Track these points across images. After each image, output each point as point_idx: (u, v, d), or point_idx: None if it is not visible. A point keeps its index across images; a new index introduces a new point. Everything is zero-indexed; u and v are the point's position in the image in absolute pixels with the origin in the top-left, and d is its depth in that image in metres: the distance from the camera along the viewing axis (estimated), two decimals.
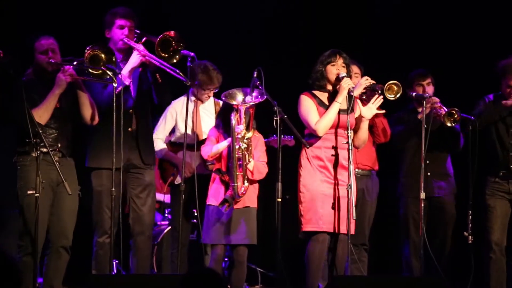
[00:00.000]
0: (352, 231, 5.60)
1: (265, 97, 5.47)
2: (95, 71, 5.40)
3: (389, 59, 7.38)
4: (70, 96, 5.55)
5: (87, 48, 5.41)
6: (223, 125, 5.68)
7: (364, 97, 5.95)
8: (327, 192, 5.59)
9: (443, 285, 4.94)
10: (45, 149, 5.29)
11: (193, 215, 6.28)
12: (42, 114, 5.41)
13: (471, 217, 5.96)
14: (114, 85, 5.31)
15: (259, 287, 7.17)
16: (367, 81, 5.72)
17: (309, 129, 5.68)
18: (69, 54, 5.53)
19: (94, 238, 5.66)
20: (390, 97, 5.72)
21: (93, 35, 5.97)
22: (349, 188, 5.49)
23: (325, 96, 5.72)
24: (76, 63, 5.44)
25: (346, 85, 5.60)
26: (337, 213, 5.56)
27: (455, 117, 6.01)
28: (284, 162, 5.44)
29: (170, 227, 6.65)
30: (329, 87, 5.72)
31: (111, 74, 5.34)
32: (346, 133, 5.57)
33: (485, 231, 6.12)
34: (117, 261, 6.21)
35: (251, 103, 5.49)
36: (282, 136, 5.52)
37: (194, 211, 6.14)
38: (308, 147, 5.62)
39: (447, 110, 6.02)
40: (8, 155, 5.57)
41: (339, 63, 5.67)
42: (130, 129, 5.65)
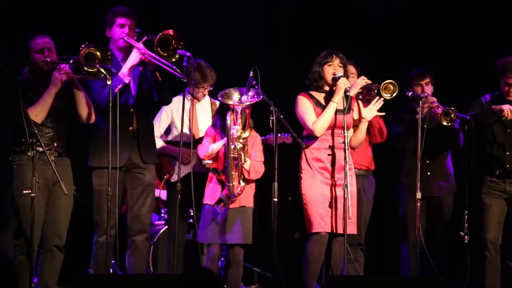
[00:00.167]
0: (354, 231, 5.61)
1: (261, 97, 5.47)
2: (90, 69, 5.39)
3: (387, 59, 7.39)
4: (66, 95, 5.55)
5: (82, 46, 5.41)
6: (220, 125, 5.67)
7: (360, 97, 5.95)
8: (327, 193, 5.61)
9: (438, 284, 4.94)
10: (41, 149, 5.28)
11: (189, 214, 6.28)
12: (38, 113, 5.40)
13: (467, 216, 5.96)
14: (108, 83, 5.31)
15: (255, 286, 7.17)
16: (363, 80, 5.73)
17: (306, 130, 5.69)
18: (69, 53, 5.52)
19: (94, 237, 5.65)
20: (386, 96, 5.73)
21: (93, 34, 5.97)
22: (345, 188, 5.50)
23: (322, 96, 5.72)
24: (71, 61, 5.44)
25: (342, 85, 5.61)
26: (334, 213, 5.57)
27: (452, 116, 6.02)
28: (281, 161, 5.45)
29: (166, 227, 6.65)
30: (326, 88, 5.73)
31: (106, 72, 5.33)
32: (342, 133, 5.57)
33: (481, 229, 6.12)
34: (113, 261, 6.21)
35: (247, 103, 5.49)
36: (279, 134, 5.52)
37: (190, 210, 6.14)
38: (304, 147, 5.63)
39: (443, 109, 6.02)
40: (4, 154, 5.56)
41: (335, 63, 5.68)
42: (131, 128, 5.65)
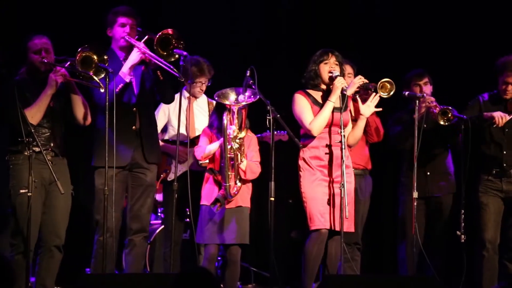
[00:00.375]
0: (352, 229, 5.62)
1: (258, 97, 5.47)
2: (84, 75, 5.39)
3: (387, 59, 7.39)
4: (63, 96, 5.55)
5: (79, 49, 5.41)
6: (216, 125, 5.67)
7: (357, 96, 5.96)
8: (326, 190, 5.62)
9: (435, 284, 4.94)
10: (37, 148, 5.28)
11: (186, 214, 6.28)
12: (34, 114, 5.40)
13: (463, 216, 5.97)
14: (101, 90, 5.32)
15: (252, 286, 7.17)
16: (360, 80, 5.74)
17: (304, 129, 5.69)
18: (68, 54, 5.51)
19: (95, 236, 5.64)
20: (383, 95, 5.74)
21: (93, 34, 5.99)
22: (342, 187, 5.50)
23: (319, 95, 5.73)
24: (68, 64, 5.44)
25: (339, 84, 5.61)
26: (332, 211, 5.58)
27: (449, 116, 6.02)
28: (277, 161, 5.45)
29: (163, 226, 6.65)
30: (323, 86, 5.74)
31: (102, 76, 5.33)
32: (339, 131, 5.58)
33: (479, 228, 6.12)
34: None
35: (243, 103, 5.48)
36: (275, 132, 5.52)
37: (187, 210, 6.14)
38: (301, 147, 5.63)
39: (441, 108, 6.03)
40: (1, 154, 5.56)
41: (331, 61, 5.69)
42: (134, 127, 5.66)
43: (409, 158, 6.24)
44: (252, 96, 5.48)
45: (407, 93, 6.17)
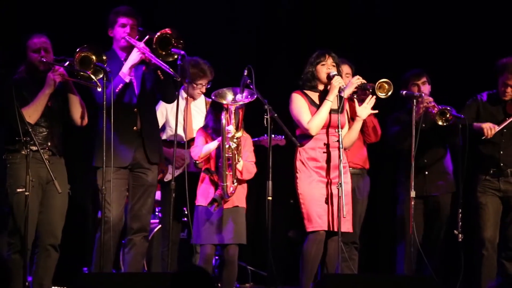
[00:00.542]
0: (349, 229, 5.62)
1: (255, 97, 5.46)
2: (84, 74, 5.39)
3: (386, 59, 7.39)
4: (61, 95, 5.55)
5: (77, 49, 5.41)
6: (212, 125, 5.66)
7: (355, 96, 5.96)
8: (324, 191, 5.62)
9: (433, 283, 4.94)
10: (34, 147, 5.28)
11: (183, 213, 6.28)
12: (32, 113, 5.40)
13: (461, 215, 5.97)
14: (98, 89, 5.32)
15: (250, 285, 7.18)
16: (358, 80, 5.74)
17: (301, 129, 5.69)
18: (67, 54, 5.51)
19: (96, 235, 5.63)
20: (381, 95, 5.74)
21: (93, 34, 6.00)
22: (340, 186, 5.50)
23: (316, 95, 5.73)
24: (67, 63, 5.44)
25: (336, 83, 5.61)
26: (330, 211, 5.58)
27: (447, 116, 6.02)
28: (275, 162, 5.45)
29: (160, 226, 6.64)
30: (321, 87, 5.74)
31: (100, 76, 5.34)
32: (336, 131, 5.58)
33: (478, 228, 6.13)
34: None
35: (241, 103, 5.47)
36: (273, 135, 5.51)
37: (184, 209, 6.14)
38: (299, 145, 5.62)
39: (439, 108, 6.03)
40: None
41: (328, 62, 5.69)
42: (135, 128, 5.65)
43: (407, 157, 6.24)
44: (249, 96, 5.47)
45: (404, 93, 6.16)
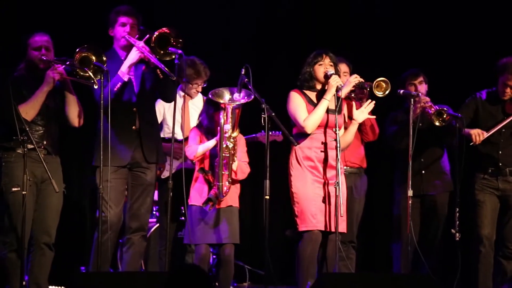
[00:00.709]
0: (344, 230, 5.61)
1: (252, 97, 5.45)
2: (83, 73, 5.38)
3: (385, 59, 7.39)
4: (60, 95, 5.55)
5: (77, 49, 5.41)
6: (206, 124, 5.64)
7: (353, 95, 5.96)
8: (319, 191, 5.61)
9: (430, 282, 4.94)
10: (31, 145, 5.27)
11: (180, 212, 6.27)
12: (28, 110, 5.40)
13: (458, 214, 5.97)
14: (95, 87, 5.32)
15: (247, 284, 7.17)
16: (356, 79, 5.75)
17: (297, 127, 5.69)
18: (67, 53, 5.50)
19: (94, 234, 5.62)
20: (379, 94, 5.74)
21: (93, 34, 6.00)
22: (337, 185, 5.50)
23: (314, 95, 5.73)
24: (67, 64, 5.43)
25: (334, 82, 5.61)
26: (327, 211, 5.57)
27: (444, 116, 6.02)
28: (272, 160, 5.44)
29: (157, 225, 6.64)
30: (318, 86, 5.74)
31: (99, 77, 5.33)
32: (334, 130, 5.57)
33: (476, 225, 6.14)
34: None
35: (237, 102, 5.45)
36: (270, 132, 5.51)
37: (182, 208, 6.13)
38: (296, 145, 5.62)
39: (437, 108, 6.03)
40: None
41: (326, 62, 5.69)
42: (134, 127, 5.65)
43: (404, 157, 6.24)
44: (246, 96, 5.46)
45: (402, 92, 6.17)
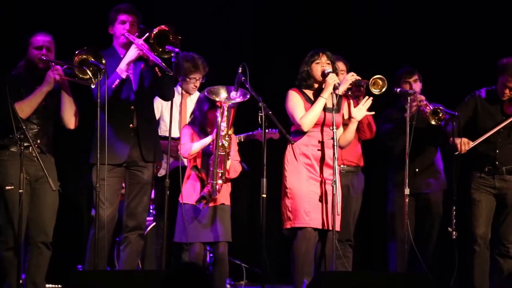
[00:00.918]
0: (337, 228, 5.61)
1: (248, 97, 5.45)
2: (81, 75, 5.37)
3: (385, 59, 7.39)
4: (57, 96, 5.54)
5: (76, 52, 5.40)
6: (199, 122, 5.63)
7: (350, 93, 5.96)
8: (314, 189, 5.61)
9: (426, 280, 4.95)
10: (26, 144, 5.27)
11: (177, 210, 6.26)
12: (24, 108, 5.39)
13: (455, 212, 5.98)
14: (92, 86, 5.32)
15: (244, 283, 7.17)
16: (352, 76, 5.75)
17: (295, 125, 5.70)
18: (67, 53, 5.50)
19: (89, 232, 5.63)
20: (375, 91, 5.75)
21: (92, 34, 6.00)
22: (334, 184, 5.50)
23: (312, 93, 5.74)
24: (66, 67, 5.43)
25: (331, 80, 5.62)
26: (324, 209, 5.57)
27: (440, 115, 6.03)
28: (269, 159, 5.44)
29: (154, 223, 6.64)
30: (316, 85, 5.75)
31: (98, 78, 5.33)
32: (331, 128, 5.58)
33: (471, 224, 6.15)
34: None
35: (233, 101, 5.44)
36: (267, 130, 5.51)
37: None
38: (292, 143, 5.63)
39: (432, 108, 6.03)
40: None
41: (323, 60, 5.71)
42: (131, 125, 5.65)
43: (398, 155, 6.26)
44: (242, 95, 5.45)
45: (398, 90, 6.18)
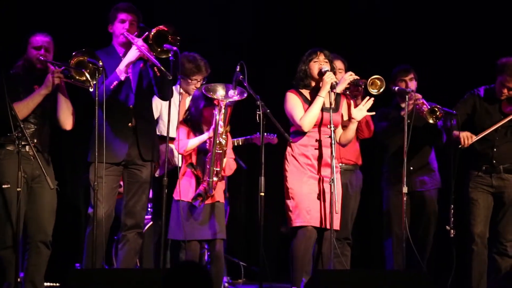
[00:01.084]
0: (337, 227, 5.62)
1: (245, 95, 5.45)
2: (78, 76, 5.37)
3: (385, 59, 7.40)
4: (54, 96, 5.53)
5: (73, 53, 5.41)
6: (195, 119, 5.62)
7: (347, 92, 5.97)
8: (314, 188, 5.62)
9: (424, 278, 4.96)
10: (24, 142, 5.27)
11: None
12: (21, 109, 5.39)
13: (453, 211, 5.99)
14: (90, 90, 5.32)
15: (242, 281, 7.18)
16: (350, 76, 5.76)
17: (294, 126, 5.70)
18: (67, 53, 5.50)
19: (86, 231, 5.62)
20: (373, 91, 5.76)
21: (92, 34, 5.99)
22: (332, 182, 5.51)
23: (309, 93, 5.74)
24: (64, 68, 5.43)
25: (328, 79, 5.63)
26: (323, 208, 5.58)
27: (437, 114, 6.04)
28: (267, 158, 5.44)
29: (152, 222, 6.64)
30: (313, 84, 5.76)
31: (96, 80, 5.33)
32: (329, 127, 5.59)
33: (468, 223, 6.16)
34: None
35: (231, 100, 5.43)
36: (265, 134, 5.51)
37: None
38: (290, 142, 5.63)
39: (429, 107, 6.04)
40: None
41: (321, 59, 5.72)
42: (130, 124, 5.65)
43: (393, 153, 6.28)
44: (239, 94, 5.45)
45: (396, 88, 6.19)
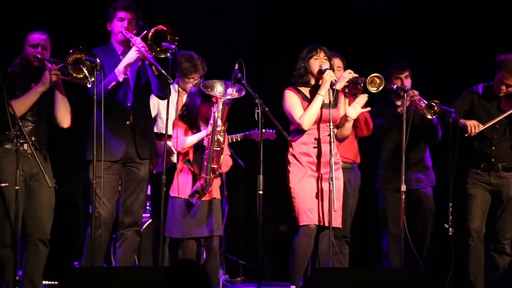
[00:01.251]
0: (339, 225, 5.63)
1: (243, 93, 5.44)
2: (75, 74, 5.37)
3: (385, 58, 7.37)
4: (51, 94, 5.53)
5: (70, 51, 5.41)
6: (192, 115, 5.62)
7: (346, 90, 5.97)
8: (314, 186, 5.62)
9: (422, 277, 4.96)
10: (22, 140, 5.26)
11: None
12: (18, 107, 5.38)
13: (451, 209, 6.00)
14: (88, 86, 5.32)
15: (240, 279, 7.18)
16: (349, 74, 5.75)
17: (294, 124, 5.70)
18: (66, 53, 5.49)
19: (87, 230, 5.62)
20: (372, 90, 5.76)
21: (92, 34, 5.99)
22: (331, 180, 5.51)
23: (308, 90, 5.74)
24: (61, 66, 5.43)
25: (328, 77, 5.63)
26: (320, 206, 5.59)
27: (435, 109, 6.04)
28: (265, 154, 5.45)
29: (150, 220, 6.63)
30: (313, 82, 5.76)
31: (94, 78, 5.33)
32: (328, 125, 5.59)
33: (465, 218, 6.17)
34: None
35: (229, 97, 5.43)
36: (263, 129, 5.51)
37: None
38: (289, 139, 5.63)
39: (426, 102, 6.05)
40: None
41: (321, 56, 5.71)
42: (128, 122, 5.65)
43: (386, 151, 6.28)
44: (238, 92, 5.44)
45: (394, 86, 6.20)
